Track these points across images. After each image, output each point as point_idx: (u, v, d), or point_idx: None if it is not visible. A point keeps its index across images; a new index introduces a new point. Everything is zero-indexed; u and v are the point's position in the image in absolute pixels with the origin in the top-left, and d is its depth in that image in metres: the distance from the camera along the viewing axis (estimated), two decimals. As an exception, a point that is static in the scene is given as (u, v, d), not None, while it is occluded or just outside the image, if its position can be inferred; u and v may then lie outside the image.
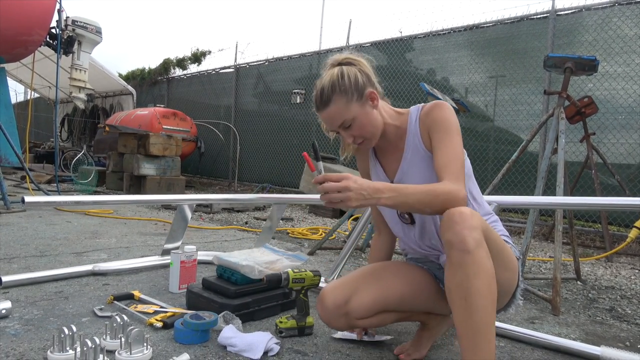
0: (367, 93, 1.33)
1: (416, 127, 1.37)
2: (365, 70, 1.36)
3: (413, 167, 1.38)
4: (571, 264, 3.14)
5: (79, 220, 3.96)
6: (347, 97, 1.31)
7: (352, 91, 1.31)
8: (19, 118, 7.45)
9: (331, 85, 1.32)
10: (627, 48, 4.38)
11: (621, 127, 4.38)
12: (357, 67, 1.35)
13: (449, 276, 1.13)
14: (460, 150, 1.29)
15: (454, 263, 1.11)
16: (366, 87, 1.33)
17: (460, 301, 1.10)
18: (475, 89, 5.58)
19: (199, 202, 2.67)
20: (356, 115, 1.32)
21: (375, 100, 1.35)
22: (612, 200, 1.92)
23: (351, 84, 1.31)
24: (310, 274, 1.65)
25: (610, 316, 2.13)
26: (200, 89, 9.79)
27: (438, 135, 1.30)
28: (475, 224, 1.11)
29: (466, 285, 1.09)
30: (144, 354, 1.33)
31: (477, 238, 1.09)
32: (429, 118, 1.33)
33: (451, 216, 1.13)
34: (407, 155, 1.39)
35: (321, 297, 1.39)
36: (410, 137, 1.38)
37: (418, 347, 1.50)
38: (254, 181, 8.10)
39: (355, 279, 1.41)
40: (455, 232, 1.10)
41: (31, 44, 5.29)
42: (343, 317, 1.36)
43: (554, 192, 2.36)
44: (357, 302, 1.35)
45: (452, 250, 1.11)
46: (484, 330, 1.09)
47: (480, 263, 1.09)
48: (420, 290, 1.43)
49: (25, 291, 1.95)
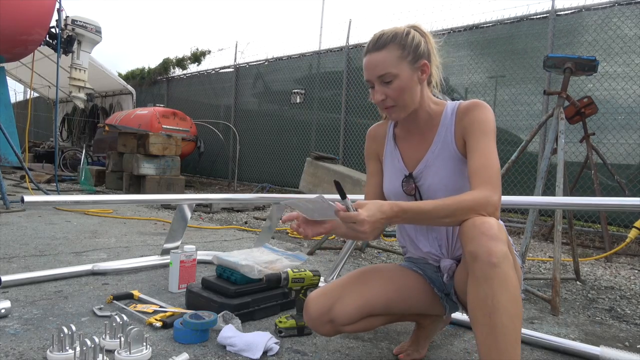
0: (422, 62, 1.27)
1: (451, 121, 1.31)
2: (429, 46, 1.30)
3: (438, 162, 1.31)
4: (571, 264, 3.14)
5: (78, 219, 3.95)
6: (403, 52, 1.25)
7: (410, 50, 1.25)
8: (19, 117, 7.45)
9: (394, 34, 1.26)
10: (626, 48, 4.38)
11: (621, 127, 4.38)
12: (424, 38, 1.30)
13: (472, 290, 1.06)
14: (495, 155, 1.20)
15: (479, 277, 1.04)
16: (424, 56, 1.28)
17: (484, 319, 1.02)
18: (475, 89, 5.58)
19: (198, 202, 2.67)
20: (401, 74, 1.25)
21: (425, 74, 1.28)
22: (611, 201, 1.93)
23: (413, 44, 1.26)
24: (309, 274, 1.65)
25: (610, 316, 2.13)
26: (200, 88, 9.79)
27: (475, 137, 1.23)
28: (502, 236, 1.05)
29: (491, 301, 1.01)
30: (144, 353, 1.33)
31: (505, 251, 1.03)
32: (467, 117, 1.26)
33: (476, 226, 1.06)
34: (435, 148, 1.32)
35: (306, 304, 1.35)
36: (442, 130, 1.32)
37: (417, 347, 1.49)
38: (254, 181, 8.10)
39: (341, 285, 1.36)
40: (480, 243, 1.03)
41: (31, 44, 5.30)
42: (328, 324, 1.31)
43: (554, 192, 2.36)
44: (340, 308, 1.30)
45: (477, 262, 1.04)
46: (509, 350, 1.01)
47: (507, 278, 1.02)
48: (409, 294, 1.38)
49: (24, 291, 1.95)
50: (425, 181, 1.33)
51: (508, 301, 1.01)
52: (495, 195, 1.14)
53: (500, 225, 1.08)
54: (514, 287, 1.02)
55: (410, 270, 1.43)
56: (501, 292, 1.01)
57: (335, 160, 5.95)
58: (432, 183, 1.32)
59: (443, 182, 1.30)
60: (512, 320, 1.01)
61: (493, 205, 1.12)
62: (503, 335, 1.00)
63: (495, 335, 1.01)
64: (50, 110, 12.36)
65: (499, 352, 1.01)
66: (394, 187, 1.40)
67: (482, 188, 1.14)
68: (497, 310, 1.01)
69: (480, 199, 1.12)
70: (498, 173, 1.18)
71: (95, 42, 6.16)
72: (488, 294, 1.02)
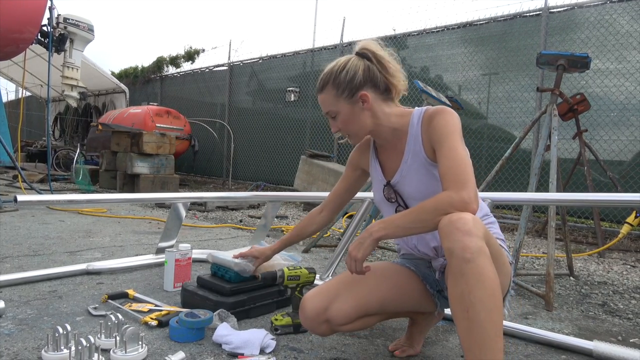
0: (360, 95, 1.32)
1: (417, 130, 1.33)
2: (377, 67, 1.33)
3: (412, 172, 1.34)
4: (564, 260, 3.17)
5: (72, 219, 3.93)
6: (337, 91, 1.33)
7: (343, 88, 1.32)
8: (11, 117, 7.38)
9: (329, 74, 1.35)
10: (619, 45, 4.41)
11: (613, 124, 4.42)
12: (370, 62, 1.33)
13: (450, 286, 1.07)
14: (462, 152, 1.22)
15: (455, 273, 1.05)
16: (362, 87, 1.32)
17: (463, 313, 1.04)
18: (468, 87, 5.60)
19: (193, 200, 2.66)
20: (340, 110, 1.34)
21: (366, 103, 1.33)
22: (604, 197, 1.95)
23: (346, 80, 1.31)
24: (305, 272, 1.65)
25: (603, 311, 2.15)
26: (194, 87, 9.76)
27: (439, 142, 1.25)
28: (476, 231, 1.05)
29: (468, 296, 1.02)
30: (139, 352, 1.33)
31: (479, 245, 1.04)
32: (431, 125, 1.28)
33: (452, 222, 1.07)
34: (407, 158, 1.35)
35: (302, 305, 1.36)
36: (410, 140, 1.34)
37: (411, 343, 1.51)
38: (248, 179, 8.09)
39: (336, 285, 1.37)
40: (455, 239, 1.04)
41: (22, 42, 5.24)
42: (324, 324, 1.32)
43: (547, 189, 2.38)
44: (336, 309, 1.31)
45: (453, 258, 1.05)
46: (489, 344, 1.01)
47: (482, 272, 1.02)
48: (403, 293, 1.40)
49: (18, 291, 1.94)
50: (404, 190, 1.38)
51: (485, 295, 1.02)
52: (461, 192, 1.13)
53: (476, 220, 1.08)
54: (490, 281, 1.03)
55: (404, 267, 1.45)
56: (477, 287, 1.02)
57: (329, 158, 5.95)
58: (409, 191, 1.37)
59: (418, 190, 1.34)
60: (489, 314, 1.02)
61: (460, 202, 1.11)
62: (482, 329, 1.02)
63: (474, 329, 1.02)
64: (42, 109, 12.25)
65: (479, 346, 1.02)
66: (378, 195, 1.46)
67: (449, 189, 1.16)
68: (474, 305, 1.02)
69: (442, 198, 1.14)
70: (465, 170, 1.17)
71: (88, 41, 6.11)
72: (464, 289, 1.03)
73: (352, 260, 1.20)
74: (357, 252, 1.19)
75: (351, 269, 1.22)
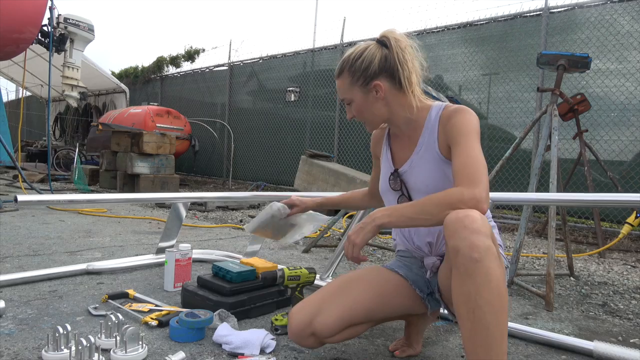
0: (374, 84, 1.31)
1: (434, 125, 1.32)
2: (395, 57, 1.30)
3: (422, 163, 1.34)
4: (564, 260, 3.17)
5: (72, 219, 3.93)
6: (352, 78, 1.33)
7: (358, 76, 1.32)
8: (11, 117, 7.39)
9: (347, 60, 1.35)
10: (619, 45, 4.41)
11: (614, 124, 4.42)
12: (388, 50, 1.31)
13: (455, 286, 1.04)
14: (478, 152, 1.20)
15: (461, 272, 1.02)
16: (377, 76, 1.30)
17: (468, 314, 1.01)
18: (469, 87, 5.60)
19: (193, 200, 2.66)
20: (355, 98, 1.35)
21: (380, 92, 1.32)
22: (604, 197, 1.94)
23: (362, 68, 1.30)
24: (305, 272, 1.65)
25: (603, 311, 2.14)
26: (194, 87, 9.76)
27: (456, 140, 1.23)
28: (485, 229, 1.02)
29: (475, 297, 1.00)
30: (139, 352, 1.33)
31: (487, 244, 1.00)
32: (450, 123, 1.27)
33: (459, 219, 1.03)
34: (419, 149, 1.35)
35: (289, 320, 1.34)
36: (426, 133, 1.33)
37: (410, 343, 1.50)
38: (249, 179, 8.09)
39: (320, 297, 1.34)
40: (462, 237, 1.01)
41: (23, 42, 5.25)
42: (311, 337, 1.30)
43: (548, 189, 2.38)
44: (321, 322, 1.28)
45: (459, 257, 1.02)
46: (494, 346, 1.00)
47: (490, 273, 0.99)
48: (389, 300, 1.37)
49: (18, 290, 1.94)
50: (410, 180, 1.37)
51: (491, 296, 0.99)
52: (473, 189, 1.10)
53: (484, 219, 1.05)
54: (497, 281, 1.00)
55: (392, 273, 1.42)
56: (485, 288, 0.99)
57: (330, 158, 5.95)
58: (415, 182, 1.36)
59: (424, 183, 1.33)
60: (496, 316, 1.00)
61: (471, 198, 1.09)
62: (487, 331, 1.00)
63: (480, 331, 1.00)
64: (42, 109, 12.26)
65: (484, 347, 1.00)
66: (384, 183, 1.45)
67: (461, 185, 1.13)
68: (481, 307, 0.99)
69: (453, 192, 1.12)
70: (480, 169, 1.15)
71: (88, 41, 6.12)
72: (471, 289, 1.00)
73: (350, 245, 1.18)
74: (357, 236, 1.17)
75: (348, 254, 1.19)
